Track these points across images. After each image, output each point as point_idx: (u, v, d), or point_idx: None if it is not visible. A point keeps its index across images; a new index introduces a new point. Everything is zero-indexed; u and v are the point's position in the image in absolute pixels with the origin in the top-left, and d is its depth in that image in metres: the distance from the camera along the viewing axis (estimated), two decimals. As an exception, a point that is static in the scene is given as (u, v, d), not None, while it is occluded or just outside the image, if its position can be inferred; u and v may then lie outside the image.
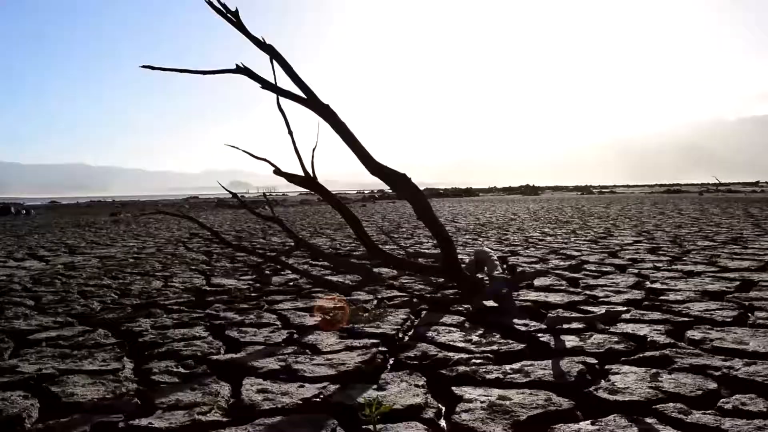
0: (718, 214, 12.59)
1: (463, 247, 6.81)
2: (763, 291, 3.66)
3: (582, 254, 5.78)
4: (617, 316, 2.97)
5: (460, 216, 14.37)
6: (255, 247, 7.38)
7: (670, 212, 13.67)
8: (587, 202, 22.35)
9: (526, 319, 3.05)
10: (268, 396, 2.03)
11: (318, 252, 4.68)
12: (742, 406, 1.84)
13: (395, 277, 4.55)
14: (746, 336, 2.62)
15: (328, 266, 5.19)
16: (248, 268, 5.36)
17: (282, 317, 3.28)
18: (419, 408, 1.90)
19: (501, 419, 1.79)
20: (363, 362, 2.39)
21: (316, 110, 3.51)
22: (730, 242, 6.61)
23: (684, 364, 2.26)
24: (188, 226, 12.19)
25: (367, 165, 3.50)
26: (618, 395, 1.96)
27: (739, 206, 16.01)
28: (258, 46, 3.56)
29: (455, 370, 2.25)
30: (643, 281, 4.12)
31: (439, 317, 3.16)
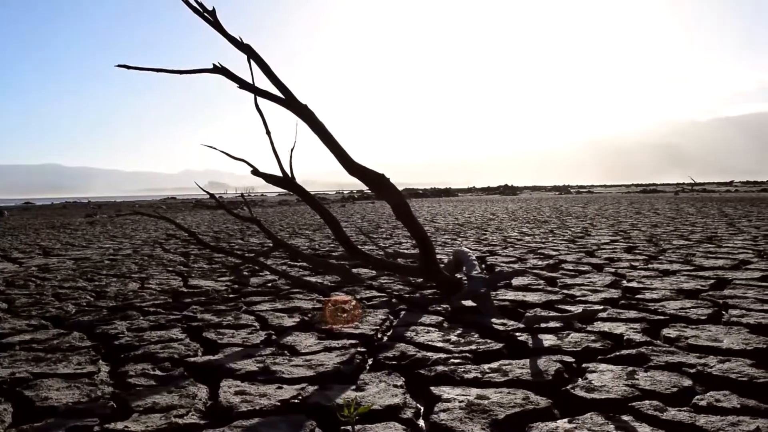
0: (694, 213, 12.76)
1: (442, 247, 6.83)
2: (737, 289, 3.71)
3: (560, 254, 5.82)
4: (594, 315, 2.99)
5: (439, 216, 14.41)
6: (233, 248, 7.34)
7: (646, 212, 13.83)
8: (565, 202, 22.53)
9: (504, 318, 3.07)
10: (246, 398, 2.01)
11: (296, 253, 4.66)
12: (717, 402, 1.86)
13: (374, 277, 4.55)
14: (720, 334, 2.66)
15: (307, 267, 5.17)
16: (226, 269, 5.33)
17: (260, 318, 3.26)
18: (398, 408, 1.90)
19: (479, 418, 1.80)
20: (342, 363, 2.38)
21: (294, 110, 3.50)
22: (705, 241, 6.70)
23: (660, 362, 2.28)
24: (165, 227, 12.08)
25: (345, 165, 3.49)
26: (595, 393, 1.97)
27: (714, 206, 16.24)
28: (235, 45, 3.53)
29: (434, 370, 2.26)
30: (620, 280, 4.16)
31: (418, 317, 3.17)
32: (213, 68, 3.50)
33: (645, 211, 13.98)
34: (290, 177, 3.65)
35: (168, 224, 12.07)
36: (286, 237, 8.91)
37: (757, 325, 2.78)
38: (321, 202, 3.84)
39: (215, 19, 3.49)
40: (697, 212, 13.10)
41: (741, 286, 3.80)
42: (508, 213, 14.91)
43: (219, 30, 3.52)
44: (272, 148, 3.72)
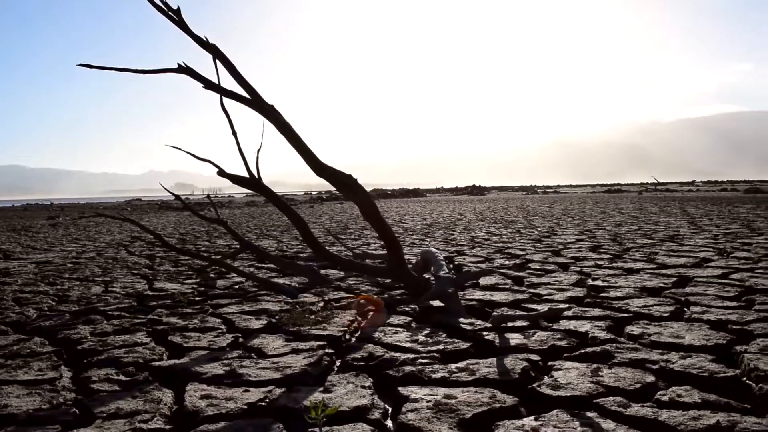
0: (657, 212, 13.00)
1: (410, 247, 6.85)
2: (698, 286, 3.79)
3: (526, 253, 5.88)
4: (560, 314, 3.03)
5: (407, 216, 14.45)
6: (199, 250, 7.26)
7: (611, 211, 14.04)
8: (532, 202, 22.77)
9: (471, 318, 3.09)
10: (213, 402, 1.99)
11: (264, 254, 4.63)
12: (678, 398, 1.90)
13: (342, 278, 4.55)
14: (682, 330, 2.71)
15: (275, 269, 5.14)
16: (192, 271, 5.27)
17: (227, 321, 3.23)
18: (366, 409, 1.90)
19: (447, 418, 1.80)
20: (309, 365, 2.37)
21: (261, 111, 3.48)
22: (668, 240, 6.83)
23: (623, 358, 2.32)
24: (130, 229, 11.91)
25: (312, 166, 3.48)
26: (560, 391, 1.99)
27: (677, 205, 16.57)
28: (201, 45, 3.50)
29: (402, 371, 2.26)
30: (585, 279, 4.22)
31: (386, 318, 3.17)
32: (178, 68, 3.46)
33: (610, 211, 14.19)
34: (257, 178, 3.63)
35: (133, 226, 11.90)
36: (254, 238, 8.84)
37: (718, 322, 2.85)
38: (288, 203, 3.82)
39: (180, 19, 3.45)
40: (660, 211, 13.35)
41: (702, 284, 3.88)
42: (476, 213, 15.02)
43: (184, 29, 3.48)
44: (238, 148, 3.69)
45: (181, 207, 20.14)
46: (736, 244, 6.23)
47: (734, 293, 3.55)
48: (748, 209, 13.41)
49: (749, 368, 2.14)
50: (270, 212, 19.36)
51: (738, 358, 2.29)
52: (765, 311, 3.05)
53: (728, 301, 3.33)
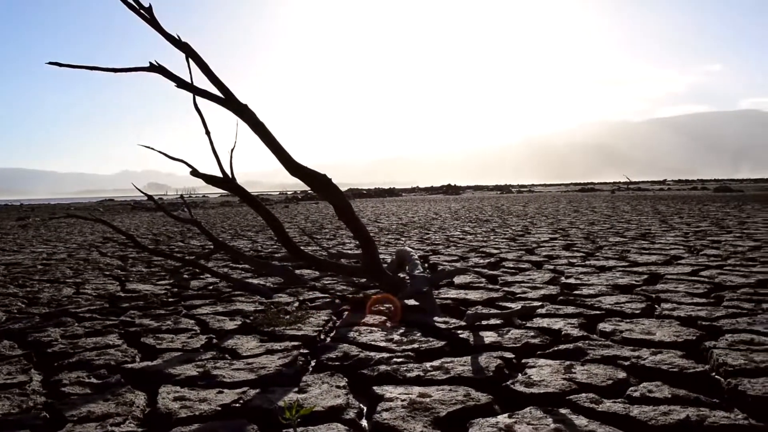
0: (629, 211, 13.16)
1: (385, 246, 6.85)
2: (669, 283, 3.85)
3: (501, 252, 5.92)
4: (533, 312, 3.06)
5: (382, 216, 14.46)
6: (173, 250, 7.20)
7: (584, 210, 14.19)
8: (506, 201, 22.92)
9: (446, 316, 3.10)
10: (186, 403, 1.98)
11: (238, 254, 4.60)
12: (649, 393, 1.92)
13: (317, 278, 4.54)
14: (653, 327, 2.75)
15: (249, 269, 5.11)
16: (166, 272, 5.22)
17: (201, 322, 3.21)
18: (340, 409, 1.90)
19: (421, 416, 1.81)
20: (284, 365, 2.36)
21: (234, 110, 3.45)
22: (639, 238, 6.92)
23: (596, 355, 2.35)
24: (102, 230, 11.75)
25: (286, 166, 3.47)
26: (534, 388, 2.01)
27: (648, 204, 16.80)
28: (173, 43, 3.46)
29: (376, 370, 2.26)
30: (558, 277, 4.26)
31: (361, 317, 3.17)
32: (150, 67, 3.42)
33: (583, 210, 14.35)
34: (230, 178, 3.61)
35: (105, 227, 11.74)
36: (228, 239, 8.79)
37: (687, 318, 2.89)
38: (263, 203, 3.80)
39: (152, 17, 3.41)
40: (632, 210, 13.52)
41: (672, 281, 3.94)
42: (451, 212, 15.07)
43: (156, 28, 3.44)
44: (212, 148, 3.66)
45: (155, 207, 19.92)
46: (705, 241, 6.33)
47: (704, 290, 3.61)
48: (718, 207, 13.65)
49: (718, 363, 2.18)
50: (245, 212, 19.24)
51: (707, 353, 2.33)
52: (734, 307, 3.11)
53: (698, 298, 3.39)
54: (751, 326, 2.71)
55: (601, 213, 12.63)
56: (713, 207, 13.91)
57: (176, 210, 21.15)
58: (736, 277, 4.02)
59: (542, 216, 12.09)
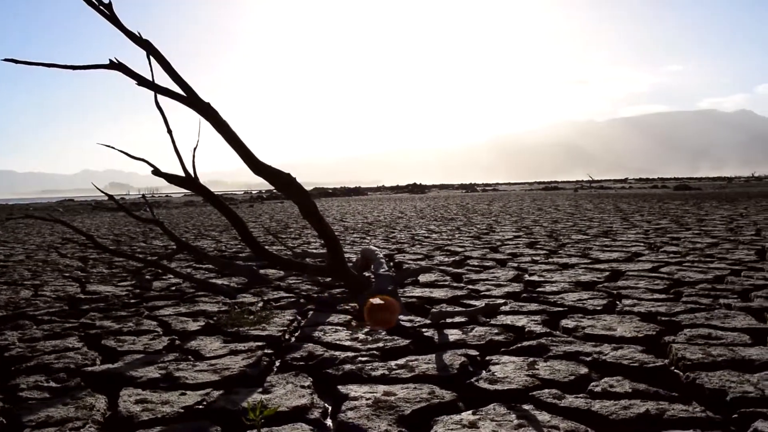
0: (591, 209, 13.36)
1: (351, 246, 6.84)
2: (630, 280, 3.92)
3: (465, 250, 5.96)
4: (497, 309, 3.08)
5: (348, 215, 14.44)
6: (134, 251, 7.08)
7: (547, 208, 14.37)
8: (471, 200, 23.08)
9: (411, 315, 3.11)
10: (148, 406, 1.95)
11: (201, 254, 4.56)
12: (610, 388, 1.96)
13: (282, 278, 4.51)
14: (614, 323, 2.80)
15: (213, 269, 5.06)
16: (127, 273, 5.13)
17: (163, 323, 3.16)
18: (305, 409, 1.89)
19: (386, 415, 1.81)
20: (248, 366, 2.34)
21: (197, 109, 3.41)
22: (601, 235, 7.03)
23: (558, 351, 2.38)
24: (62, 230, 11.51)
25: (250, 165, 3.44)
26: (497, 384, 2.03)
27: (610, 202, 17.07)
28: (134, 40, 3.41)
29: (341, 369, 2.26)
30: (522, 274, 4.30)
31: (326, 317, 3.16)
32: (110, 64, 3.36)
33: (546, 208, 14.52)
34: (193, 177, 3.56)
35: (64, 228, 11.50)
36: (192, 239, 8.68)
37: (648, 314, 2.95)
38: (226, 203, 3.76)
39: (112, 13, 3.35)
40: (595, 208, 13.73)
41: (633, 277, 4.01)
42: (417, 211, 15.12)
43: (116, 24, 3.38)
44: (174, 147, 3.61)
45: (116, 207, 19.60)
46: (665, 238, 6.46)
47: (663, 286, 3.68)
48: (677, 205, 13.93)
49: (677, 358, 2.22)
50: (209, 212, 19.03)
51: (666, 348, 2.38)
52: (692, 303, 3.18)
53: (658, 294, 3.45)
54: (708, 321, 2.77)
55: (564, 211, 12.80)
56: (673, 205, 14.20)
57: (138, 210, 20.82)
58: (695, 273, 4.11)
59: (506, 214, 12.21)
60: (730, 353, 2.25)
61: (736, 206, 12.67)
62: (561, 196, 24.19)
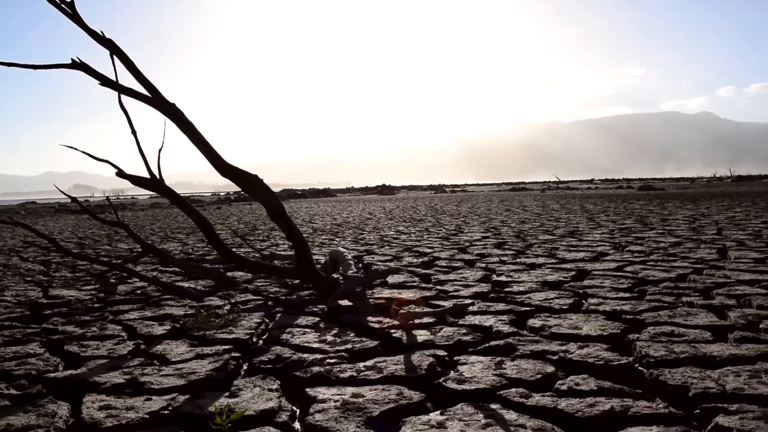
0: (558, 209, 13.52)
1: (319, 247, 6.82)
2: (595, 279, 3.97)
3: (434, 251, 5.98)
4: (465, 309, 3.10)
5: (317, 216, 14.39)
6: (99, 254, 6.96)
7: (515, 209, 14.50)
8: (440, 201, 23.18)
9: (379, 316, 3.11)
10: (112, 412, 1.91)
11: (168, 257, 4.49)
12: (576, 386, 1.98)
13: (250, 280, 4.47)
14: (580, 321, 2.83)
15: (180, 272, 4.99)
16: (91, 277, 5.04)
17: (128, 328, 3.11)
18: (273, 412, 1.87)
19: (354, 417, 1.81)
20: (215, 370, 2.32)
21: (162, 109, 3.37)
22: (568, 235, 7.12)
23: (525, 350, 2.40)
24: (23, 234, 11.25)
25: (216, 166, 3.41)
26: (465, 384, 2.04)
27: (576, 202, 17.29)
28: (96, 40, 3.35)
29: (309, 371, 2.24)
30: (490, 275, 4.33)
31: (294, 319, 3.14)
32: (72, 63, 3.30)
33: (514, 208, 14.65)
34: (158, 179, 3.51)
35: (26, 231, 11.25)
36: (158, 241, 8.57)
37: (612, 312, 2.99)
38: (192, 205, 3.72)
39: (74, 12, 3.29)
40: (561, 208, 13.90)
41: (599, 277, 4.06)
42: (386, 212, 15.14)
43: (78, 23, 3.32)
44: (138, 148, 3.56)
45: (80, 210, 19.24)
46: (630, 238, 6.57)
47: (628, 285, 3.74)
48: (642, 205, 14.17)
49: (641, 355, 2.26)
50: (175, 214, 18.80)
51: (631, 346, 2.42)
52: (656, 301, 3.23)
53: (622, 293, 3.51)
54: (671, 319, 2.82)
55: (531, 212, 12.92)
56: (637, 205, 14.44)
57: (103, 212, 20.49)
58: (659, 272, 4.19)
59: (475, 215, 12.28)
60: (692, 350, 2.30)
61: (699, 206, 12.94)
62: (528, 197, 24.43)
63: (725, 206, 12.52)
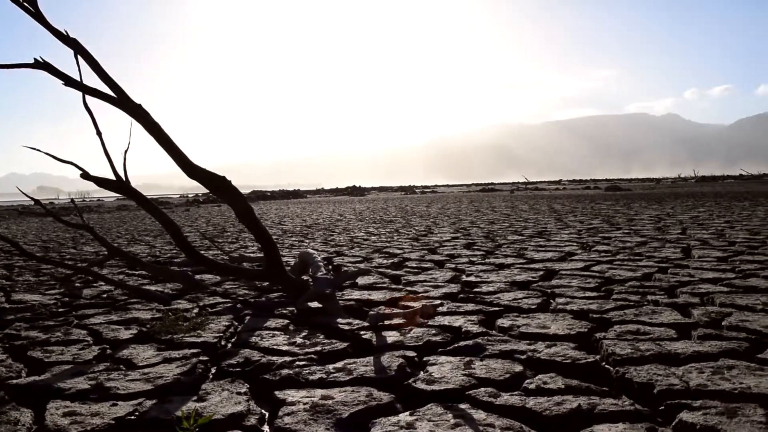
0: (527, 210, 13.65)
1: (289, 249, 6.79)
2: (563, 279, 4.02)
3: (404, 252, 5.99)
4: (435, 310, 3.11)
5: (287, 218, 14.32)
6: (64, 257, 6.84)
7: (484, 209, 14.59)
8: (410, 202, 23.23)
9: (349, 318, 3.10)
10: (77, 419, 1.88)
11: (134, 260, 4.43)
12: (544, 385, 2.00)
13: (218, 283, 4.43)
14: (548, 321, 2.86)
15: (147, 275, 4.93)
16: (56, 281, 4.94)
17: (93, 332, 3.06)
18: (241, 416, 1.86)
19: (323, 419, 1.80)
20: (182, 374, 2.29)
21: (127, 110, 3.32)
22: (536, 236, 7.19)
23: (494, 350, 2.42)
24: (-14, 238, 11.01)
25: (183, 168, 3.37)
26: (435, 385, 2.04)
27: (545, 203, 17.47)
28: (60, 39, 3.29)
29: (278, 374, 2.23)
30: (459, 275, 4.36)
31: (264, 321, 3.12)
32: (34, 63, 3.24)
33: (483, 209, 14.75)
34: (124, 180, 3.46)
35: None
36: (124, 244, 8.44)
37: (580, 311, 3.03)
38: (160, 207, 3.68)
39: (37, 10, 3.23)
40: (530, 209, 14.03)
41: (566, 276, 4.11)
42: (356, 213, 15.13)
43: (41, 22, 3.26)
44: (104, 149, 3.50)
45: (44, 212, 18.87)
46: (597, 238, 6.66)
47: (595, 284, 3.79)
48: (609, 205, 14.38)
49: (607, 353, 2.29)
50: (142, 216, 18.55)
51: (597, 344, 2.45)
52: (622, 300, 3.28)
53: (589, 292, 3.55)
54: (637, 317, 2.87)
55: (500, 212, 13.03)
56: (604, 205, 14.65)
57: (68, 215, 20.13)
58: (625, 271, 4.25)
59: (444, 216, 12.34)
60: (657, 347, 2.34)
61: (664, 206, 13.17)
62: (498, 198, 24.62)
63: (689, 206, 12.77)
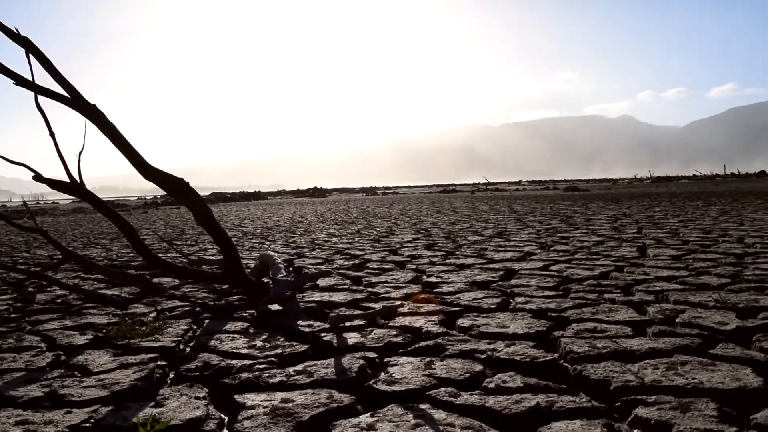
0: (487, 211, 13.77)
1: (249, 251, 6.73)
2: (522, 278, 4.06)
3: (365, 253, 5.99)
4: (396, 311, 3.11)
5: (247, 220, 14.19)
6: (16, 262, 6.66)
7: (445, 210, 14.68)
8: (372, 203, 23.24)
9: (309, 320, 3.09)
10: (29, 427, 1.83)
11: (90, 264, 4.34)
12: (503, 384, 2.02)
13: (177, 286, 4.37)
14: (508, 320, 2.89)
15: (103, 279, 4.83)
16: (7, 286, 4.81)
17: (47, 338, 2.98)
18: (200, 420, 1.83)
19: (284, 422, 1.79)
20: (139, 379, 2.25)
21: (82, 111, 3.25)
22: (496, 236, 7.26)
23: (455, 350, 2.43)
24: (-66, 242, 10.66)
25: (140, 170, 3.31)
26: (395, 386, 2.05)
27: (505, 203, 17.66)
28: (11, 37, 3.20)
29: (238, 378, 2.21)
30: (420, 276, 4.37)
31: (223, 325, 3.08)
32: (-18, 62, 3.14)
33: (444, 210, 14.83)
34: (79, 182, 3.39)
35: (-63, 239, 10.66)
36: (80, 247, 8.26)
37: (539, 310, 3.07)
38: (117, 209, 3.61)
39: (-16, 10, 3.14)
40: (490, 210, 14.16)
41: (526, 276, 4.16)
42: (317, 215, 15.07)
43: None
44: (57, 151, 3.42)
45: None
46: (556, 238, 6.75)
47: (553, 283, 3.85)
48: (567, 206, 14.60)
49: (565, 351, 2.33)
50: (99, 219, 18.17)
51: (556, 342, 2.48)
52: (579, 298, 3.33)
53: (548, 291, 3.60)
54: (594, 315, 2.92)
55: (461, 213, 13.12)
56: (563, 205, 14.87)
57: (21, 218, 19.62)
58: (582, 270, 4.32)
59: (406, 217, 12.38)
60: (613, 345, 2.38)
61: (620, 206, 13.43)
62: (459, 199, 24.79)
63: (645, 206, 13.04)
